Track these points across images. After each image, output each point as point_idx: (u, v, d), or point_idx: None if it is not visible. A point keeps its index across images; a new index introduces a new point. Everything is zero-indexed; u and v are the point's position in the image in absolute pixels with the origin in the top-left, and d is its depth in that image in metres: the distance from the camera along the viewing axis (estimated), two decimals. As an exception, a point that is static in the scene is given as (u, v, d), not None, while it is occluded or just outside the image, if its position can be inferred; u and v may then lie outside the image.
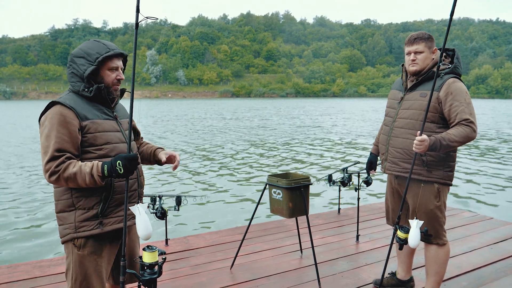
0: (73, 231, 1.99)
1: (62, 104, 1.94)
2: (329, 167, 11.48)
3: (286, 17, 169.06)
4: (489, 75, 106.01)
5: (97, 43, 2.05)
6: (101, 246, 2.04)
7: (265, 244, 4.25)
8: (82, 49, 2.03)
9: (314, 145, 16.19)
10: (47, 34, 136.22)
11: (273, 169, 11.34)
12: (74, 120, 1.93)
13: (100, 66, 2.02)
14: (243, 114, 37.30)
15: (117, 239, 2.10)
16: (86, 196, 1.97)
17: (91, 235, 1.99)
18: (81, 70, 2.00)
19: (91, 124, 1.97)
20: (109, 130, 2.04)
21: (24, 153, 14.51)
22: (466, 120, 2.54)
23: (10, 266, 3.65)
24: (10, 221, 6.90)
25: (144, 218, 1.87)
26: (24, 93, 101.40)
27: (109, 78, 2.05)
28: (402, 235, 2.57)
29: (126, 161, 1.85)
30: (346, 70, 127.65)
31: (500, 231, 4.62)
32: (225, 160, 12.97)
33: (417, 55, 2.70)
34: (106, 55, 2.00)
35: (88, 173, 1.86)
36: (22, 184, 9.59)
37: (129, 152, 1.91)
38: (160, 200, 3.78)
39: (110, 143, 2.02)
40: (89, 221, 1.98)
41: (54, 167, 1.86)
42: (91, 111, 2.01)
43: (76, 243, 2.00)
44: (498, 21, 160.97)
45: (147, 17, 1.81)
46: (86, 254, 2.00)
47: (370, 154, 3.31)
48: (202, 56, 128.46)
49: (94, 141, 1.98)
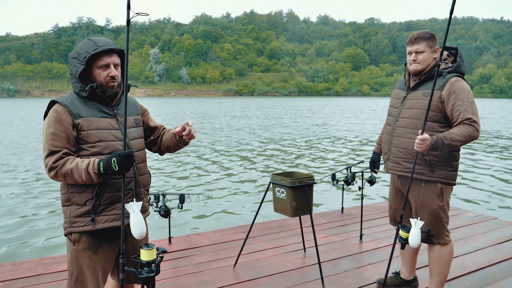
0: (69, 225, 2.04)
1: (59, 103, 2.00)
2: (343, 163, 11.46)
3: (290, 15, 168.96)
4: (493, 74, 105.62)
5: (88, 42, 2.03)
6: (96, 243, 2.05)
7: (268, 243, 4.24)
8: (76, 49, 2.04)
9: (322, 144, 16.17)
10: (51, 32, 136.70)
11: (280, 166, 11.33)
12: (68, 117, 1.97)
13: (90, 65, 2.02)
14: (253, 112, 37.29)
15: (117, 238, 2.11)
16: (79, 192, 2.01)
17: (84, 231, 2.02)
18: (74, 71, 2.02)
19: (84, 122, 1.99)
20: (104, 128, 2.04)
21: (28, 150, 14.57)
22: (469, 119, 2.52)
23: (14, 264, 3.66)
24: (13, 219, 6.92)
25: (137, 216, 1.87)
26: (28, 91, 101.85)
27: (100, 77, 2.03)
28: (404, 235, 2.56)
29: (121, 158, 1.85)
30: (349, 69, 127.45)
31: (504, 231, 4.60)
32: (229, 158, 12.97)
33: (418, 54, 2.68)
34: (92, 53, 1.98)
35: (84, 169, 1.88)
36: (26, 181, 9.63)
37: (124, 149, 1.91)
38: (163, 198, 3.78)
39: (104, 140, 2.02)
40: (81, 217, 2.01)
41: (51, 162, 1.91)
42: (87, 110, 2.03)
43: (71, 237, 2.05)
44: (502, 20, 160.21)
45: (138, 13, 1.80)
46: (80, 249, 2.04)
47: (373, 153, 3.30)
48: (205, 55, 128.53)
49: (87, 138, 2.00)
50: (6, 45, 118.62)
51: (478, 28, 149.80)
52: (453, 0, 2.24)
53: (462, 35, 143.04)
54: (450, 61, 2.77)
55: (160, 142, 2.37)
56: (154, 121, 2.41)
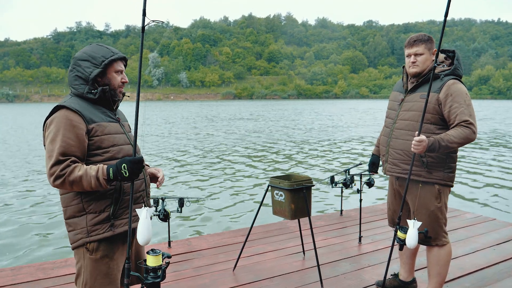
0: (85, 235, 1.98)
1: (68, 108, 1.94)
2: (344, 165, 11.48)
3: (288, 18, 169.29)
4: (492, 75, 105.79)
5: (101, 47, 2.08)
6: (113, 248, 2.04)
7: (268, 246, 4.25)
8: (86, 52, 2.05)
9: (321, 146, 16.19)
10: (50, 37, 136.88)
11: (278, 168, 11.34)
12: (81, 123, 1.93)
13: (106, 69, 2.04)
14: (254, 115, 37.33)
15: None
16: (96, 200, 1.97)
17: (104, 238, 1.99)
18: (87, 72, 2.01)
19: (97, 127, 1.98)
20: (115, 133, 2.05)
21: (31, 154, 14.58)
22: (466, 121, 2.54)
23: (14, 268, 3.66)
24: (14, 224, 6.92)
25: (147, 223, 1.86)
26: (27, 96, 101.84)
27: (115, 81, 2.08)
28: (402, 236, 2.57)
29: (132, 164, 1.85)
30: (348, 71, 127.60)
31: (502, 232, 4.61)
32: (227, 161, 12.99)
33: (417, 57, 2.71)
34: (112, 58, 2.03)
35: (94, 176, 1.86)
36: (24, 185, 9.64)
37: (134, 154, 1.91)
38: (163, 202, 3.79)
39: (117, 145, 2.03)
40: (101, 224, 1.98)
41: (59, 171, 1.85)
42: (96, 114, 2.02)
43: (89, 247, 1.99)
44: (500, 22, 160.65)
45: (153, 21, 1.82)
46: (99, 258, 2.00)
47: (372, 155, 3.31)
48: (204, 58, 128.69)
49: (101, 143, 1.98)
50: (5, 50, 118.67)
51: (476, 29, 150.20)
52: (448, 4, 2.26)
53: (460, 36, 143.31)
54: (447, 64, 2.79)
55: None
56: None
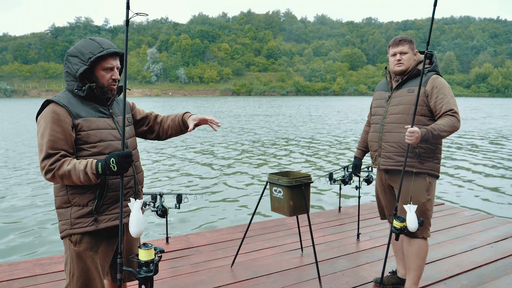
0: (69, 227, 2.00)
1: (56, 103, 1.95)
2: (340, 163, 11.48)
3: (287, 15, 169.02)
4: (490, 73, 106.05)
5: (92, 42, 2.03)
6: (97, 242, 2.04)
7: (266, 243, 4.25)
8: (77, 47, 2.02)
9: (319, 143, 16.19)
10: (48, 32, 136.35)
11: (276, 165, 11.34)
12: (67, 118, 1.94)
13: (94, 66, 2.01)
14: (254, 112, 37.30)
15: (114, 237, 2.11)
16: (80, 193, 1.98)
17: (86, 232, 2.00)
18: (74, 69, 1.99)
19: (83, 122, 1.98)
20: (103, 128, 2.03)
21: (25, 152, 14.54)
22: (451, 110, 2.70)
23: (11, 264, 3.65)
24: (11, 219, 6.90)
25: (138, 215, 1.86)
26: (25, 91, 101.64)
27: (104, 79, 2.04)
28: (398, 224, 2.64)
29: (120, 158, 1.84)
30: (346, 68, 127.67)
31: (501, 230, 4.62)
32: (226, 158, 12.98)
33: (402, 55, 2.89)
34: (98, 55, 1.98)
35: (82, 170, 1.87)
36: (23, 181, 9.61)
37: (123, 149, 1.90)
38: (161, 198, 3.78)
39: (104, 140, 2.02)
40: (84, 218, 1.99)
41: (48, 164, 1.88)
42: (85, 109, 2.01)
43: (72, 239, 2.01)
44: (499, 20, 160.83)
45: (137, 13, 1.79)
46: (82, 250, 2.01)
47: (355, 158, 3.42)
48: (203, 54, 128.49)
49: (88, 138, 1.98)
50: (3, 45, 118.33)
51: (475, 27, 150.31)
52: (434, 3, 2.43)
53: (458, 34, 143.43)
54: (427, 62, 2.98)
55: (159, 129, 2.42)
56: (142, 111, 2.43)
